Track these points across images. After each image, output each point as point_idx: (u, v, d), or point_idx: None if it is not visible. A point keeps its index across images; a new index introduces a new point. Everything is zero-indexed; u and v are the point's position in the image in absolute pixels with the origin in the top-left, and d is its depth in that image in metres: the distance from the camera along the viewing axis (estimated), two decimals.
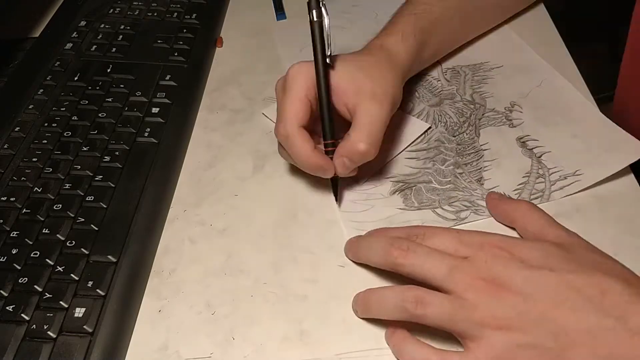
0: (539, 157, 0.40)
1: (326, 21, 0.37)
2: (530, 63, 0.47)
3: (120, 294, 0.34)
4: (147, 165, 0.41)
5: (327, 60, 0.37)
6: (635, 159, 0.38)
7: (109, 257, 0.36)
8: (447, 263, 0.30)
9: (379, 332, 0.33)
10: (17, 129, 0.44)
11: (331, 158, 0.37)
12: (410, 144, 0.42)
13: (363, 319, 0.33)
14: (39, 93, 0.47)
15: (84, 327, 0.32)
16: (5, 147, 0.42)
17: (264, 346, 0.33)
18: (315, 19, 0.37)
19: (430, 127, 0.43)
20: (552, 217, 0.35)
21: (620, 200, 0.38)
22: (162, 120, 0.44)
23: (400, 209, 0.38)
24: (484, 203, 0.38)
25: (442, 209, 0.38)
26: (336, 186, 0.39)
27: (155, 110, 0.45)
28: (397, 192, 0.39)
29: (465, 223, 0.37)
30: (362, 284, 0.35)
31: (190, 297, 0.35)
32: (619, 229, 0.36)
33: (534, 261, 0.30)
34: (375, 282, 0.35)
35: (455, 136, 0.43)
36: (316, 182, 0.41)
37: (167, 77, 0.48)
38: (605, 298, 0.28)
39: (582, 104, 0.43)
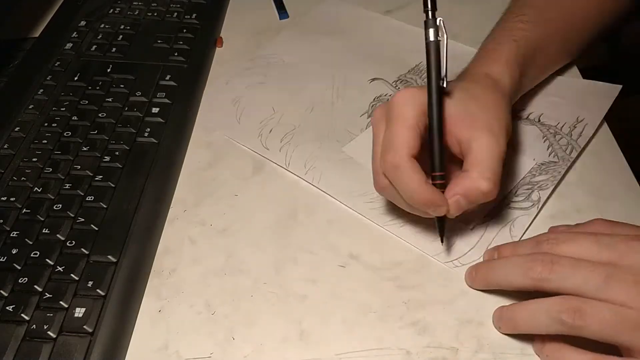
0: (539, 121, 0.43)
1: (445, 41, 0.33)
2: (459, 50, 0.48)
3: (120, 294, 0.34)
4: (147, 165, 0.41)
5: (442, 84, 0.33)
6: (616, 95, 0.44)
7: (109, 257, 0.36)
8: (600, 271, 0.28)
9: (379, 332, 0.33)
10: (17, 129, 0.44)
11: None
12: (521, 180, 0.40)
13: (361, 320, 0.33)
14: (39, 93, 0.47)
15: (84, 327, 0.32)
16: (5, 147, 0.42)
17: (264, 346, 0.33)
18: (431, 38, 0.33)
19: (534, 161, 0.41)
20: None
21: (620, 200, 0.38)
22: (162, 120, 0.44)
23: (479, 224, 0.37)
24: (538, 178, 0.39)
25: (514, 202, 0.38)
26: (442, 226, 0.35)
27: (155, 110, 0.45)
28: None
29: (542, 203, 0.38)
30: (363, 284, 0.35)
31: (190, 297, 0.35)
32: None
33: None
34: (375, 282, 0.35)
35: None
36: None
37: (167, 77, 0.48)
38: None
39: None
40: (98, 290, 0.34)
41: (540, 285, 0.30)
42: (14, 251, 0.36)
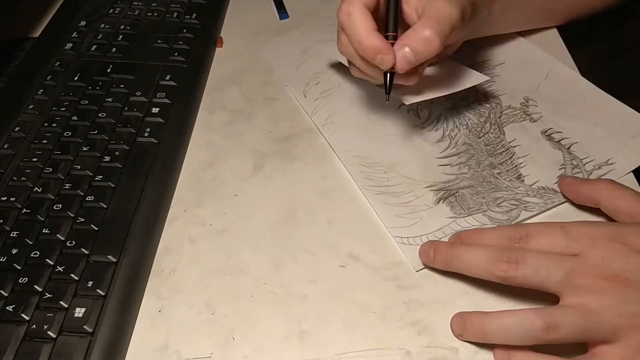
0: (568, 148, 0.41)
1: None
2: (531, 56, 0.48)
3: (120, 294, 0.34)
4: (147, 165, 0.41)
5: None
6: None
7: (109, 257, 0.36)
8: (562, 267, 0.29)
9: (379, 332, 0.33)
10: (17, 129, 0.44)
11: None
12: (462, 90, 0.41)
13: (361, 320, 0.33)
14: (39, 93, 0.47)
15: (84, 327, 0.32)
16: (6, 147, 0.42)
17: (264, 346, 0.33)
18: None
19: (488, 79, 0.42)
20: (634, 189, 0.35)
21: None
22: (162, 120, 0.44)
23: (450, 217, 0.38)
24: (530, 199, 0.38)
25: (492, 211, 0.38)
26: (390, 81, 0.37)
27: (155, 110, 0.45)
28: (442, 201, 0.39)
29: (518, 222, 0.37)
30: (362, 284, 0.35)
31: (190, 297, 0.35)
32: None
33: None
34: (375, 282, 0.35)
35: (480, 137, 0.42)
36: (316, 182, 0.41)
37: (167, 77, 0.48)
38: None
39: (594, 92, 0.44)
40: (98, 290, 0.34)
41: (504, 282, 0.31)
42: (14, 251, 0.36)
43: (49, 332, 0.32)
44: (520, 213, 0.37)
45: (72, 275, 0.35)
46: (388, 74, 0.37)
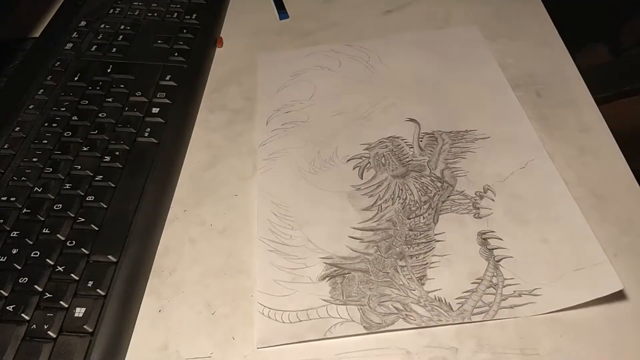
0: (498, 261, 0.35)
1: None
2: (521, 137, 0.42)
3: (120, 294, 0.34)
4: (147, 165, 0.41)
5: None
6: (605, 294, 0.32)
7: (109, 257, 0.36)
8: None
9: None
10: (17, 129, 0.44)
11: None
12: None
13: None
14: (39, 93, 0.47)
15: (84, 327, 0.33)
16: (6, 147, 0.42)
17: None
18: None
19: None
20: None
21: (620, 200, 0.38)
22: (162, 121, 0.44)
23: (324, 300, 0.34)
24: (417, 309, 0.33)
25: (369, 307, 0.33)
26: None
27: (155, 110, 0.45)
28: (327, 279, 0.35)
29: (389, 331, 0.33)
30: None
31: (190, 297, 0.35)
32: (619, 229, 0.36)
33: None
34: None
35: (410, 218, 0.37)
36: None
37: (167, 77, 0.48)
38: None
39: (565, 199, 0.38)
40: (98, 290, 0.34)
41: None
42: (14, 251, 0.36)
43: (49, 332, 0.32)
44: (396, 321, 0.33)
45: (72, 275, 0.35)
46: None
